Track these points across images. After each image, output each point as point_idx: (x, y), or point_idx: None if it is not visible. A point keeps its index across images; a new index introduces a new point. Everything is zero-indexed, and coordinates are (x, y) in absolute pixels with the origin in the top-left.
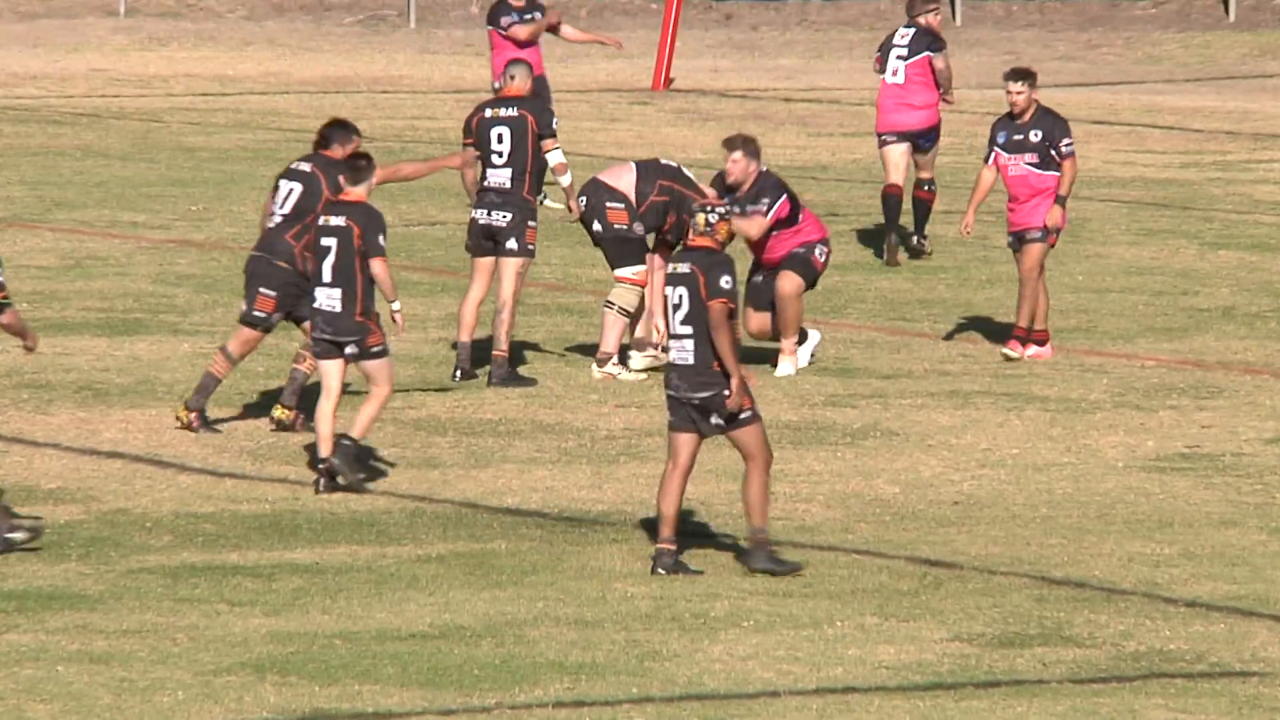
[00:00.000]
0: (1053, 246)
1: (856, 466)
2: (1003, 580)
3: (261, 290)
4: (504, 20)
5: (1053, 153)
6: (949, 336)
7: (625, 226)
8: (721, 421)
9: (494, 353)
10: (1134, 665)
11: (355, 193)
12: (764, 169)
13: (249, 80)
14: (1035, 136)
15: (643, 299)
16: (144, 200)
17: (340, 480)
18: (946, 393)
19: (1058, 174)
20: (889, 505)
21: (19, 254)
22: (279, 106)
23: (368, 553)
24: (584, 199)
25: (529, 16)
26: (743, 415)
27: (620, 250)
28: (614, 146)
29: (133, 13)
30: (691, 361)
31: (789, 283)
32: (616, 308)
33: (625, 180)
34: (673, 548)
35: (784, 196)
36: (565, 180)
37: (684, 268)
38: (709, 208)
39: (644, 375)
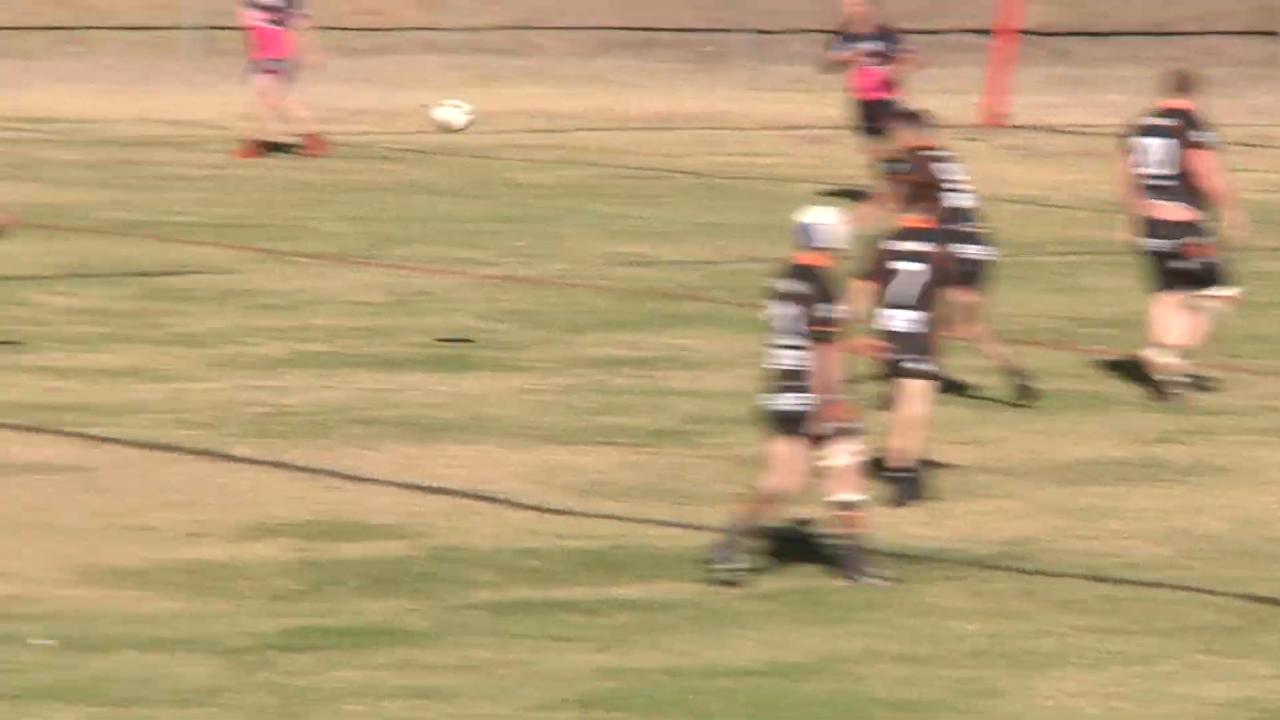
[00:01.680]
0: None
1: (1185, 503)
2: None
3: None
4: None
5: None
6: None
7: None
8: None
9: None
10: None
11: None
12: None
13: (577, 117)
14: None
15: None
16: (472, 236)
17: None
18: (1276, 429)
19: None
20: (1217, 542)
21: (347, 289)
22: (607, 143)
23: (694, 589)
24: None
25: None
26: None
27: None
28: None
29: (465, 50)
30: None
31: None
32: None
33: None
34: None
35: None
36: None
37: None
38: None
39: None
